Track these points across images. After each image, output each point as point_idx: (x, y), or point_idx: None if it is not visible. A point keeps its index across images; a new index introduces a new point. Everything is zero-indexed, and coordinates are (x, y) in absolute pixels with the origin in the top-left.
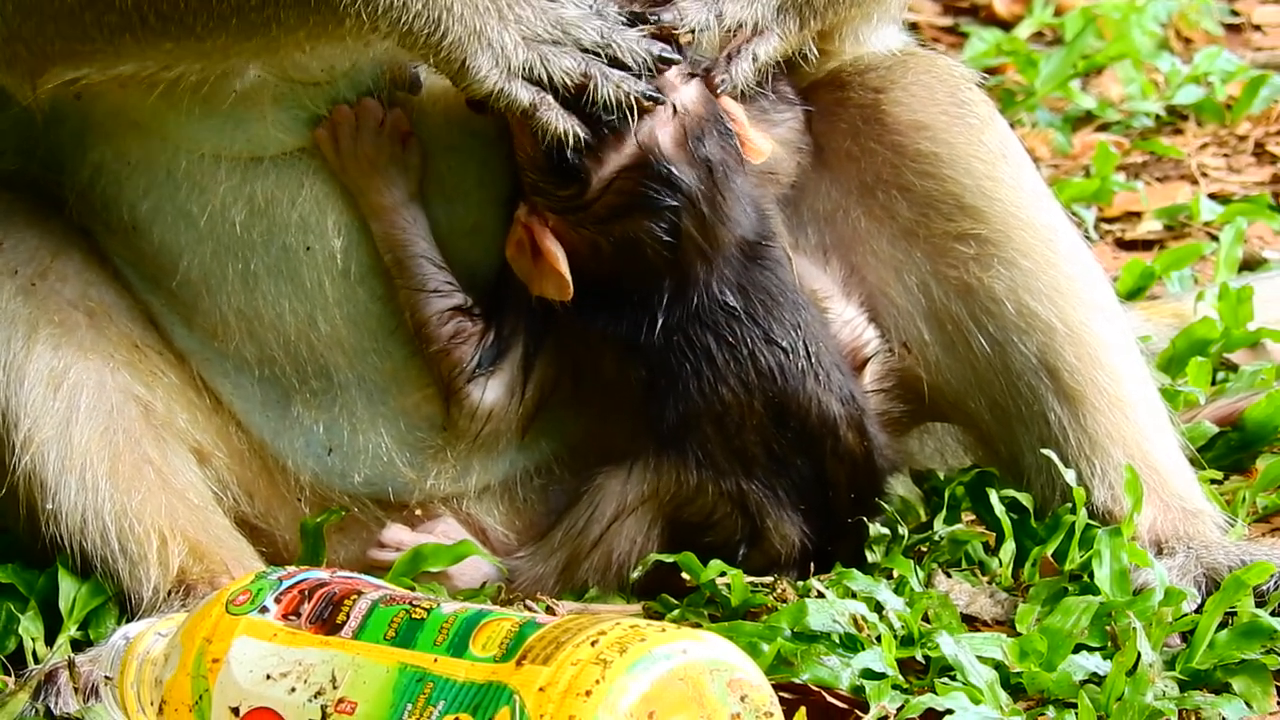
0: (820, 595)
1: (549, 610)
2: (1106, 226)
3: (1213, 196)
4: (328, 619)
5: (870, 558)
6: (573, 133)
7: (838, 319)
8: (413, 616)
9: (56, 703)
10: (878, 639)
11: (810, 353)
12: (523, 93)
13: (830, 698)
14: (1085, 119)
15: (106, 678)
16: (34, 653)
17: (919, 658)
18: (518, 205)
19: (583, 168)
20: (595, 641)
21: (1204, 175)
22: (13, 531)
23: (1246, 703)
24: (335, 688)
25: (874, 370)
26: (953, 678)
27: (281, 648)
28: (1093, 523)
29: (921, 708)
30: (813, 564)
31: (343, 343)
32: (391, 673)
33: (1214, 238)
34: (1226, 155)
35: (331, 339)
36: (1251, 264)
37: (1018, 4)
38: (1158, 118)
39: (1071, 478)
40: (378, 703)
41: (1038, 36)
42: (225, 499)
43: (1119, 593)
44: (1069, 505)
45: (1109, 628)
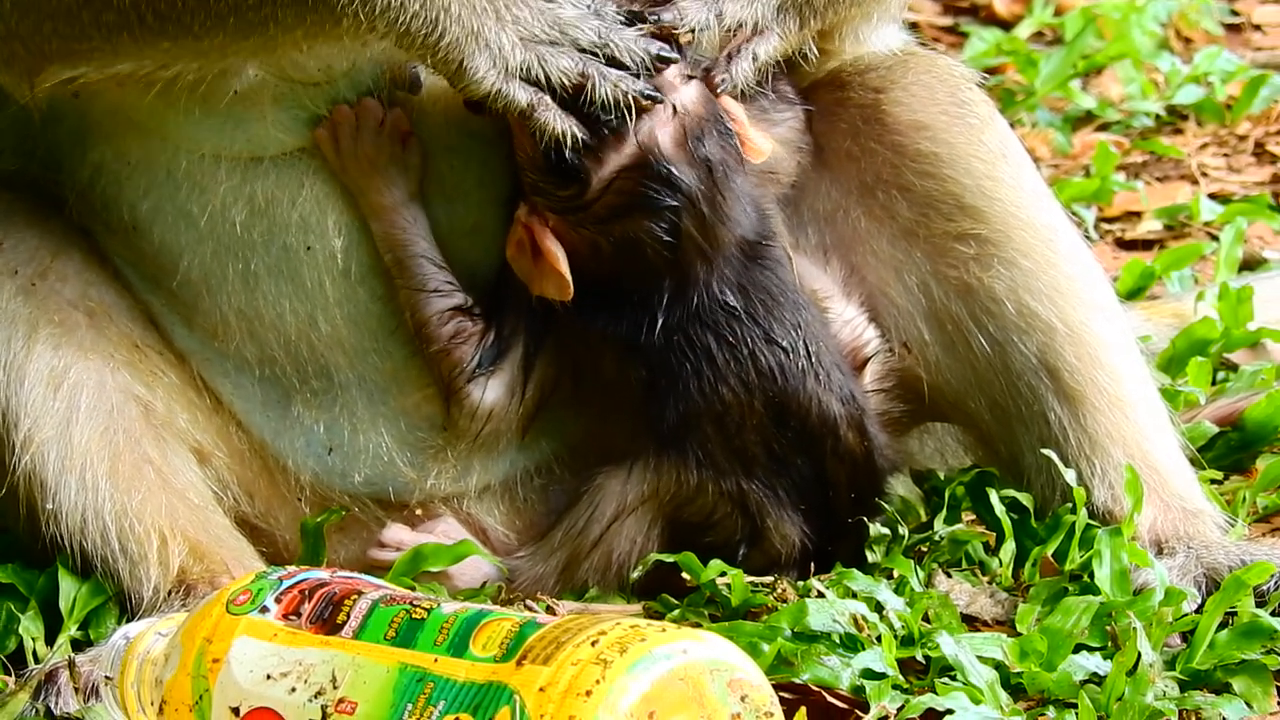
0: (820, 595)
1: (549, 610)
2: (1106, 226)
3: (1213, 196)
4: (328, 619)
5: (870, 558)
6: (570, 133)
7: (838, 319)
8: (413, 616)
9: (57, 702)
10: (878, 639)
11: (810, 352)
12: (520, 93)
13: (830, 698)
14: (1085, 119)
15: (107, 678)
16: (34, 652)
17: (919, 658)
18: (518, 205)
19: (582, 168)
20: (595, 641)
21: (1204, 175)
22: (13, 531)
23: (1247, 703)
24: (335, 688)
25: (874, 370)
26: (953, 678)
27: (282, 648)
28: (1093, 523)
29: (922, 708)
30: (813, 564)
31: (343, 343)
32: (392, 673)
33: (1214, 237)
34: (1226, 155)
35: (332, 339)
36: (1251, 264)
37: (1018, 4)
38: (1158, 117)
39: (1072, 478)
40: (378, 703)
41: (1038, 36)
42: (225, 499)
43: (1119, 593)
44: (1069, 505)
45: (1109, 628)
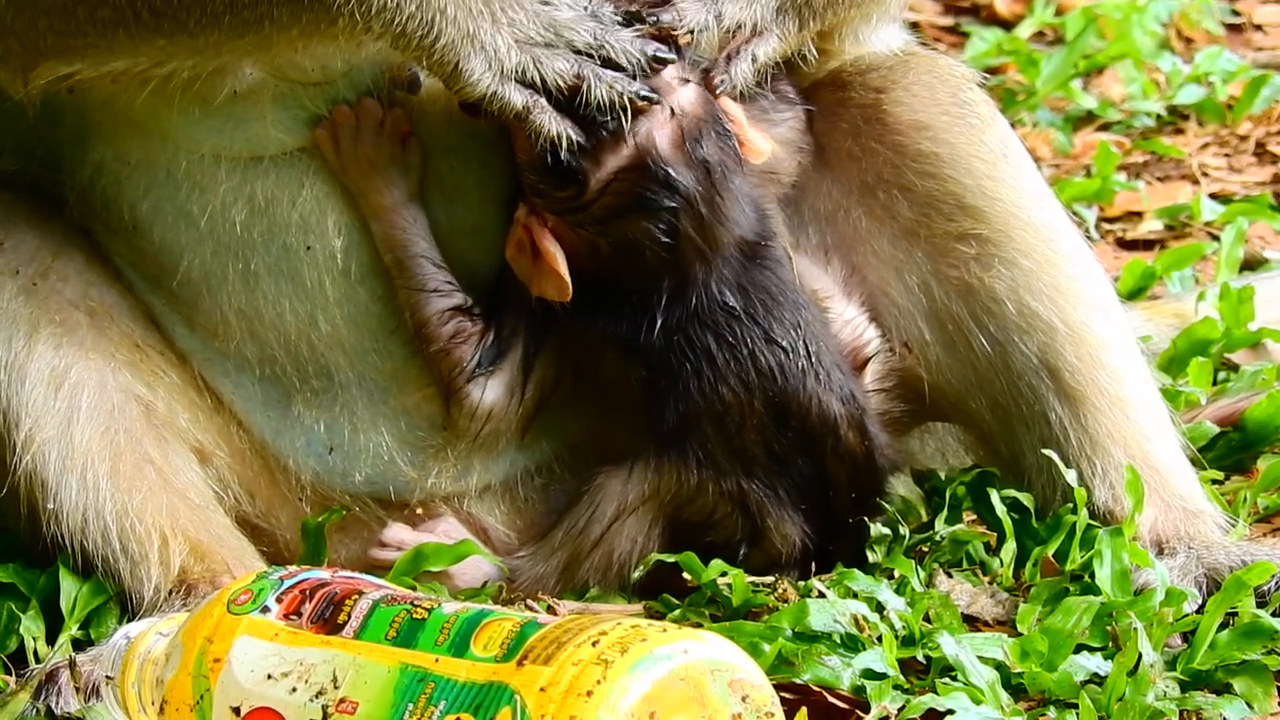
0: (821, 595)
1: (550, 610)
2: (1107, 226)
3: (1214, 196)
4: (329, 619)
5: (871, 558)
6: (566, 135)
7: (838, 318)
8: (414, 616)
9: (58, 702)
10: (879, 639)
11: (810, 352)
12: (515, 96)
13: (831, 698)
14: (1086, 119)
15: (108, 677)
16: (35, 652)
17: (920, 658)
18: (518, 206)
19: (580, 169)
20: (596, 641)
21: (1205, 175)
22: (14, 531)
23: (1248, 703)
24: (336, 688)
25: (875, 370)
26: (954, 678)
27: (283, 647)
28: (1094, 523)
29: (922, 708)
30: (814, 564)
31: (343, 342)
32: (393, 673)
33: (1215, 238)
34: (1227, 155)
35: (332, 338)
36: (1252, 264)
37: (1019, 3)
38: (1159, 117)
39: (1072, 478)
40: (379, 703)
41: (1039, 36)
42: (226, 498)
43: (1120, 593)
44: (1070, 505)
45: (1110, 628)
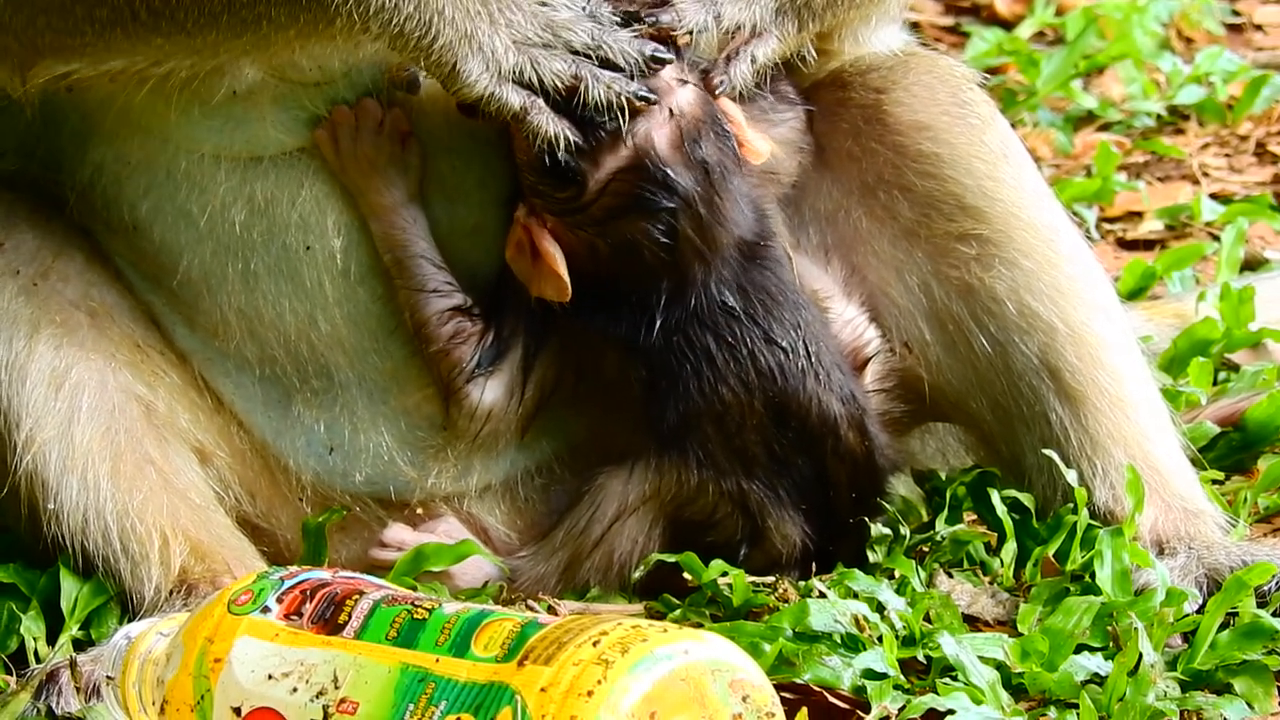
0: (822, 595)
1: (551, 610)
2: (1108, 226)
3: (1214, 196)
4: (330, 619)
5: (872, 558)
6: (563, 136)
7: (839, 319)
8: (415, 617)
9: (58, 702)
10: (879, 639)
11: (810, 352)
12: (513, 97)
13: (832, 698)
14: (1087, 119)
15: (108, 677)
16: (36, 652)
17: (920, 658)
18: (518, 206)
19: (579, 170)
20: (597, 642)
21: (1205, 175)
22: (14, 531)
23: (1248, 703)
24: (337, 688)
25: (875, 370)
26: (954, 678)
27: (283, 648)
28: (1094, 523)
29: (923, 708)
30: (814, 564)
31: (343, 342)
32: (393, 673)
33: (1215, 238)
34: (1228, 155)
35: (332, 339)
36: (1253, 264)
37: (1019, 4)
38: (1159, 117)
39: (1073, 478)
40: (379, 703)
41: (1039, 36)
42: (227, 499)
43: (1120, 593)
44: (1070, 505)
45: (1110, 628)
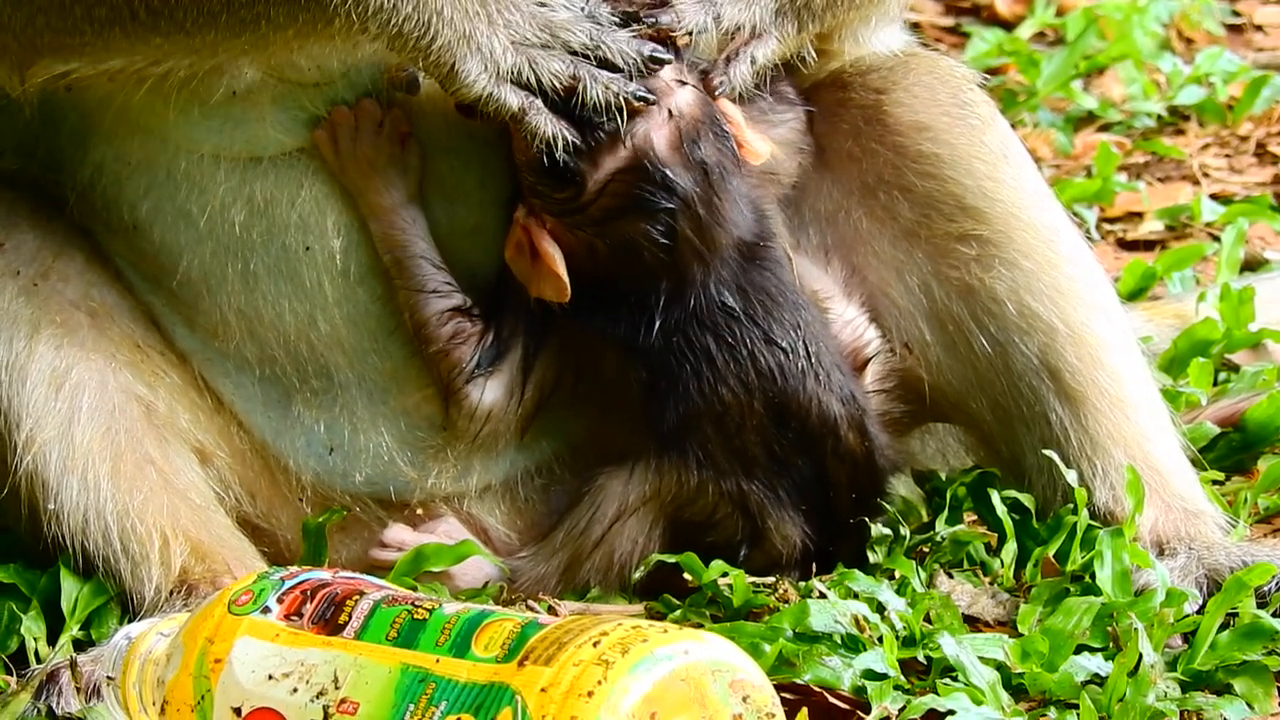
0: (822, 596)
1: (551, 611)
2: (1108, 227)
3: (1214, 197)
4: (330, 619)
5: (872, 558)
6: (561, 136)
7: (839, 319)
8: (415, 617)
9: (58, 703)
10: (879, 639)
11: (810, 353)
12: (511, 97)
13: (832, 698)
14: (1087, 119)
15: (109, 678)
16: (36, 653)
17: (921, 658)
18: (517, 207)
19: (578, 170)
20: (597, 642)
21: (1205, 176)
22: (15, 531)
23: (1248, 704)
24: (337, 688)
25: (875, 371)
26: (954, 678)
27: (284, 648)
28: (1094, 523)
29: (923, 708)
30: (814, 564)
31: (343, 343)
32: (394, 673)
33: (1215, 238)
34: (1228, 156)
35: (331, 339)
36: (1253, 264)
37: (1019, 4)
38: (1159, 118)
39: (1073, 478)
40: (380, 703)
41: (1039, 37)
42: (227, 499)
43: (1121, 594)
44: (1070, 506)
45: (1111, 628)
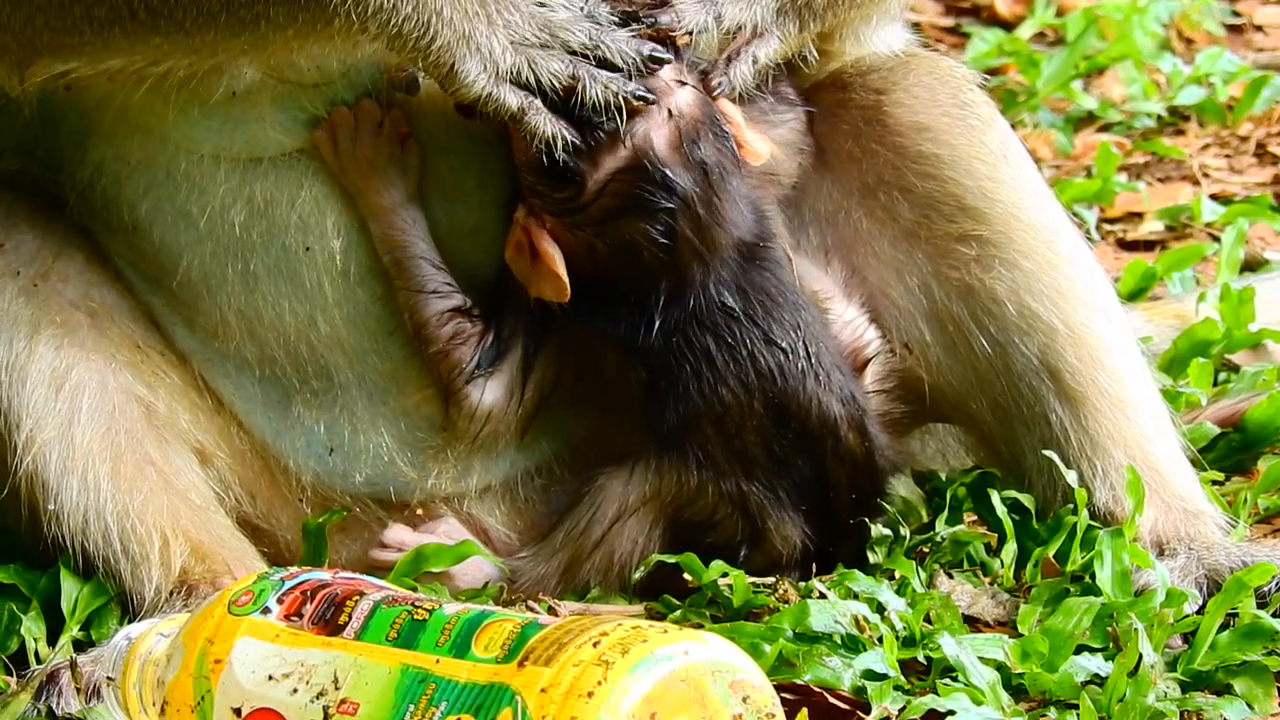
0: (822, 596)
1: (551, 611)
2: (1108, 227)
3: (1214, 197)
4: (330, 620)
5: (872, 558)
6: (561, 136)
7: (839, 320)
8: (415, 617)
9: (59, 703)
10: (879, 640)
11: (810, 353)
12: (510, 97)
13: (832, 699)
14: (1087, 120)
15: (109, 678)
16: (36, 653)
17: (921, 659)
18: (517, 207)
19: (578, 170)
20: (597, 642)
21: (1206, 176)
22: (15, 532)
23: (1248, 704)
24: (337, 689)
25: (875, 371)
26: (954, 679)
27: (284, 649)
28: (1094, 524)
29: (923, 709)
30: (814, 565)
31: (343, 343)
32: (394, 674)
33: (1215, 238)
34: (1228, 156)
35: (331, 339)
36: (1253, 265)
37: (1019, 4)
38: (1159, 118)
39: (1073, 479)
40: (380, 704)
41: (1039, 37)
42: (227, 499)
43: (1121, 594)
44: (1070, 506)
45: (1111, 629)
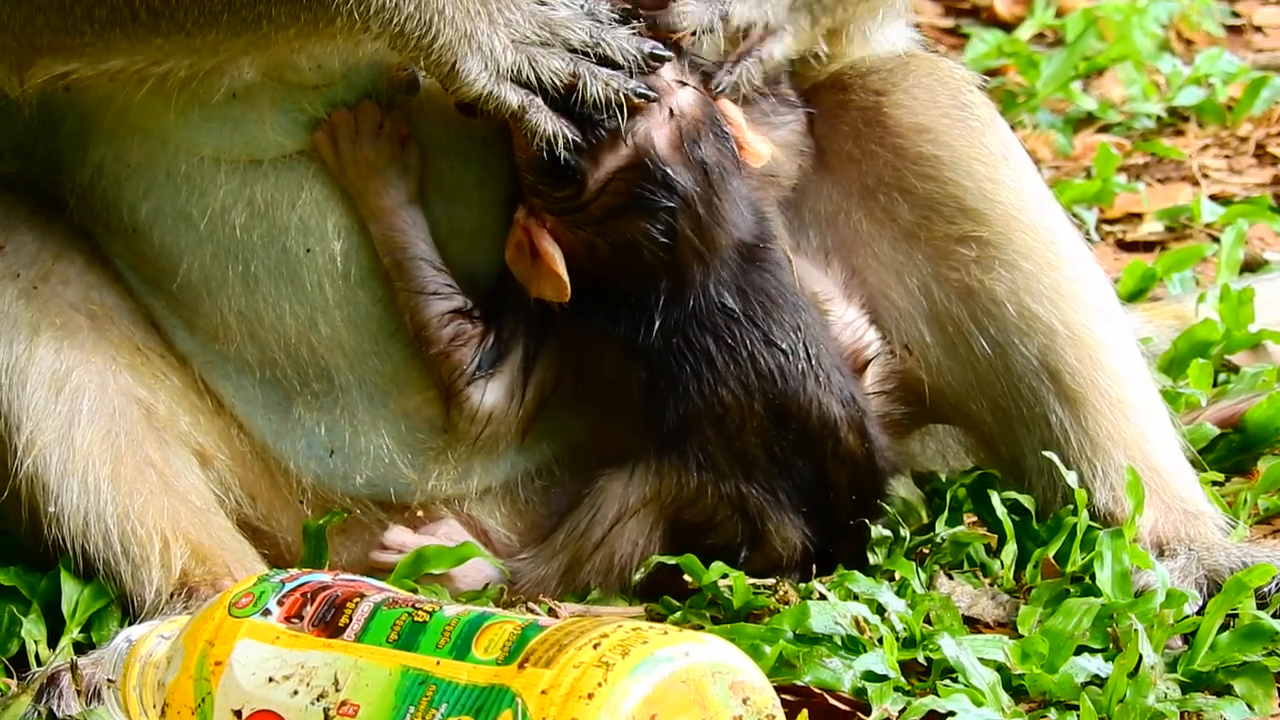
0: (822, 597)
1: (551, 613)
2: (1108, 228)
3: (1214, 198)
4: (330, 622)
5: (872, 560)
6: (561, 134)
7: (839, 321)
8: (415, 619)
9: (59, 705)
10: (880, 641)
11: (810, 355)
12: (511, 95)
13: (832, 700)
14: (1086, 120)
15: (109, 680)
16: (36, 655)
17: (921, 660)
18: (518, 207)
19: (578, 169)
20: (597, 644)
21: (1205, 177)
22: (15, 534)
23: (1248, 704)
24: (338, 690)
25: (875, 372)
26: (955, 680)
27: (284, 650)
28: (1094, 524)
29: (923, 710)
30: (814, 566)
31: (343, 345)
32: (394, 675)
33: (1215, 239)
34: (1228, 157)
35: (332, 341)
36: (1253, 265)
37: (1019, 5)
38: (1159, 119)
39: (1073, 479)
40: (380, 705)
41: (1039, 38)
42: (227, 501)
43: (1121, 595)
44: (1070, 507)
45: (1111, 630)
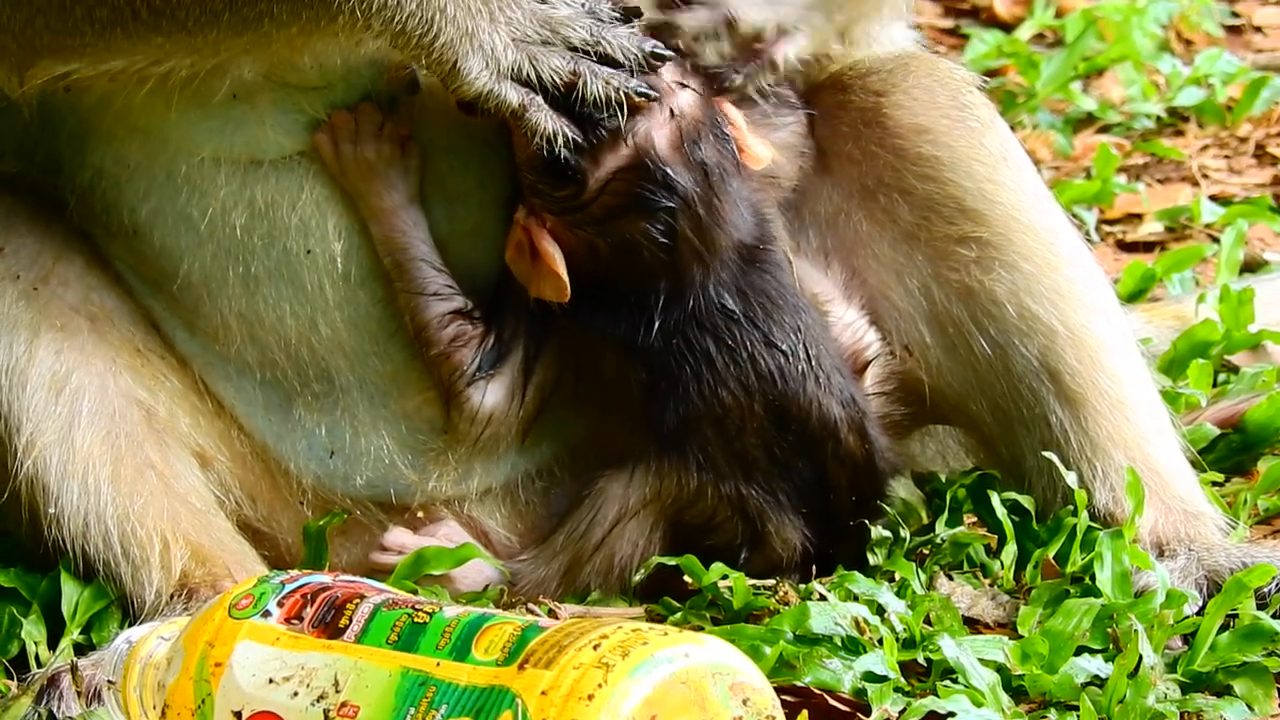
0: (822, 598)
1: (551, 613)
2: (1108, 228)
3: (1214, 198)
4: (330, 623)
5: (872, 560)
6: (561, 133)
7: (839, 322)
8: (415, 620)
9: (59, 707)
10: (879, 642)
11: (810, 356)
12: (511, 94)
13: (832, 700)
14: (1086, 121)
15: (109, 682)
16: (36, 656)
17: (921, 660)
18: (518, 207)
19: (579, 168)
20: (597, 645)
21: (1205, 177)
22: (15, 535)
23: (1248, 705)
24: (338, 691)
25: (875, 373)
26: (955, 680)
27: (284, 652)
28: (1094, 525)
29: (923, 710)
30: (814, 567)
31: (344, 346)
32: (394, 676)
33: (1215, 240)
34: (1227, 157)
35: (332, 342)
36: (1252, 266)
37: (1019, 6)
38: (1159, 119)
39: (1073, 480)
40: (380, 706)
41: (1039, 38)
42: (227, 503)
43: (1120, 595)
44: (1070, 508)
45: (1111, 630)
